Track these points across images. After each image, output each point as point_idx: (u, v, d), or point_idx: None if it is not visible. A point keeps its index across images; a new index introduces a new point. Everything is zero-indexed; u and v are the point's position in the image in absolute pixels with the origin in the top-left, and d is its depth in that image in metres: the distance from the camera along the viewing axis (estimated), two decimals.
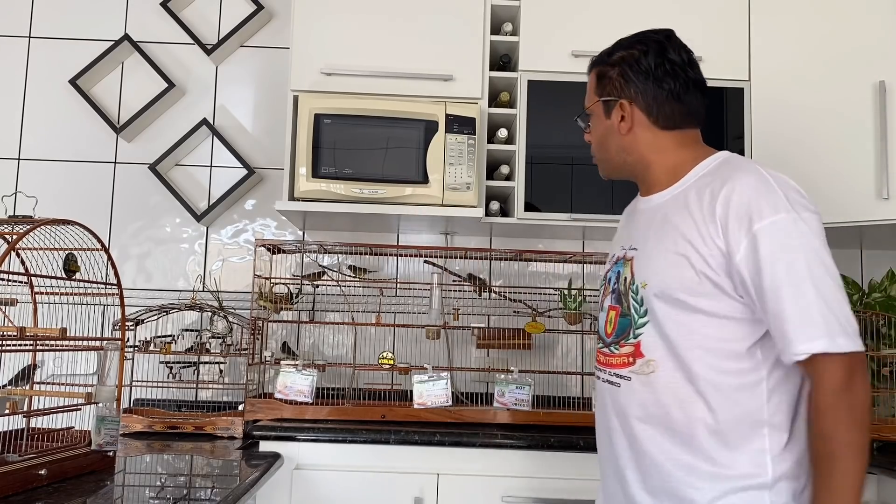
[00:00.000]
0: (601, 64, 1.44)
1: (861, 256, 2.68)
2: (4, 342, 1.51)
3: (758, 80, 2.38)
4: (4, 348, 1.55)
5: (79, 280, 1.65)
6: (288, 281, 2.46)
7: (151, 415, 2.26)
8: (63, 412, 1.61)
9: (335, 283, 2.44)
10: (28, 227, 1.51)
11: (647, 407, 1.29)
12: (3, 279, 1.56)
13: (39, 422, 1.63)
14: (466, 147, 2.28)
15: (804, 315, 1.17)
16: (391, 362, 2.28)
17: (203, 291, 2.57)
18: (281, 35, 2.71)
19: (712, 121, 1.51)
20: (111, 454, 1.64)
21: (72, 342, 1.67)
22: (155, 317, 2.42)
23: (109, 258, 1.70)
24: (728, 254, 1.23)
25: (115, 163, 2.69)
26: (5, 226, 1.55)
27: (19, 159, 2.67)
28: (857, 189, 2.24)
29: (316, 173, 2.26)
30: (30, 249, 1.64)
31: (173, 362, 2.46)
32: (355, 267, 2.47)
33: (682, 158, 1.37)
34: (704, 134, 1.43)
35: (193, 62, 2.73)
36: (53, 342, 1.61)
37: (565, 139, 2.34)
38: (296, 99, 2.32)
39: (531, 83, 2.37)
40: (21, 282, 1.64)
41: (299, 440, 2.04)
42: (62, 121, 2.69)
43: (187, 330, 2.51)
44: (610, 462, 1.38)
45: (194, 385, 2.51)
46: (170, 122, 2.70)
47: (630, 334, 1.33)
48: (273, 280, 2.42)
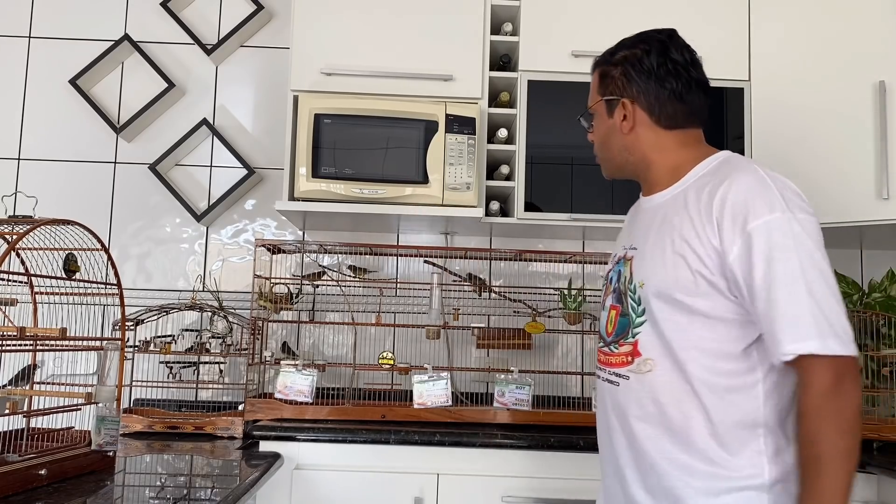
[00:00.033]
0: (604, 63, 1.44)
1: (861, 256, 2.68)
2: (4, 342, 1.51)
3: (758, 80, 2.38)
4: (4, 348, 1.54)
5: (79, 280, 1.64)
6: (288, 281, 2.46)
7: (151, 415, 2.26)
8: (63, 412, 1.61)
9: (335, 283, 2.44)
10: (28, 227, 1.51)
11: (645, 406, 1.29)
12: (3, 279, 1.56)
13: (39, 422, 1.63)
14: (466, 147, 2.28)
15: (794, 315, 1.15)
16: (391, 362, 2.28)
17: (203, 291, 2.57)
18: (281, 35, 2.71)
19: (712, 121, 1.51)
20: (111, 454, 1.64)
21: (72, 342, 1.67)
22: (155, 317, 2.42)
23: (109, 258, 1.70)
24: (722, 252, 1.22)
25: (115, 163, 2.69)
26: (5, 226, 1.55)
27: (19, 159, 2.67)
28: (857, 189, 2.24)
29: (316, 173, 2.26)
30: (30, 249, 1.64)
31: (173, 362, 2.46)
32: (355, 267, 2.47)
33: (684, 158, 1.37)
34: (705, 134, 1.43)
35: (193, 62, 2.73)
36: (53, 342, 1.61)
37: (565, 139, 2.34)
38: (296, 99, 2.32)
39: (531, 83, 2.37)
40: (21, 282, 1.64)
41: (299, 440, 2.04)
42: (62, 121, 2.69)
43: (187, 330, 2.51)
44: (610, 461, 1.38)
45: (194, 385, 2.51)
46: (170, 122, 2.70)
47: (629, 333, 1.33)
48: (273, 280, 2.42)
